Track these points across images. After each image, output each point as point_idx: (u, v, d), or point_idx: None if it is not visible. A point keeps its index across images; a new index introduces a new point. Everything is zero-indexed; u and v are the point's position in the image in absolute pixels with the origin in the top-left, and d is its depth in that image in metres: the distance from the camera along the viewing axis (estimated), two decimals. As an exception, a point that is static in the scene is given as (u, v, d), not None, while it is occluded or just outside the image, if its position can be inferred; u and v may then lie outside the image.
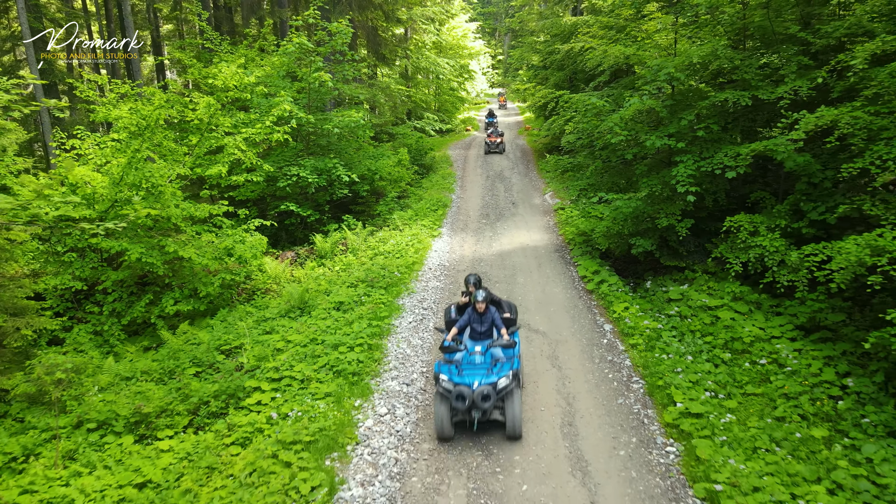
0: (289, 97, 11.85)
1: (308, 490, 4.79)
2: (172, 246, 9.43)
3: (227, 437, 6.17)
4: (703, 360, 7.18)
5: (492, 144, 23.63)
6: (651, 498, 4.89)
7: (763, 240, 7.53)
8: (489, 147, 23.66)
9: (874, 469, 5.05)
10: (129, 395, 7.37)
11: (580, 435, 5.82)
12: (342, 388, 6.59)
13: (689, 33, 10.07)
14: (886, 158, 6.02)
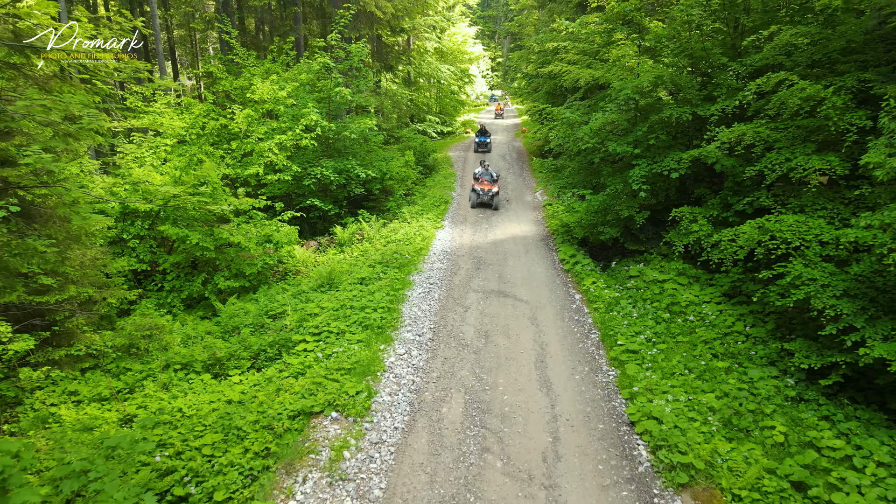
0: (315, 109, 13.93)
1: (354, 393, 6.87)
2: (224, 233, 11.51)
3: (284, 372, 8.23)
4: (648, 318, 9.25)
5: (482, 193, 16.69)
6: (593, 400, 6.97)
7: (697, 226, 9.60)
8: (478, 196, 16.76)
9: (753, 385, 7.12)
10: (201, 347, 9.47)
11: (548, 367, 7.89)
12: (370, 336, 8.66)
13: (650, 56, 12.13)
14: (775, 163, 8.09)
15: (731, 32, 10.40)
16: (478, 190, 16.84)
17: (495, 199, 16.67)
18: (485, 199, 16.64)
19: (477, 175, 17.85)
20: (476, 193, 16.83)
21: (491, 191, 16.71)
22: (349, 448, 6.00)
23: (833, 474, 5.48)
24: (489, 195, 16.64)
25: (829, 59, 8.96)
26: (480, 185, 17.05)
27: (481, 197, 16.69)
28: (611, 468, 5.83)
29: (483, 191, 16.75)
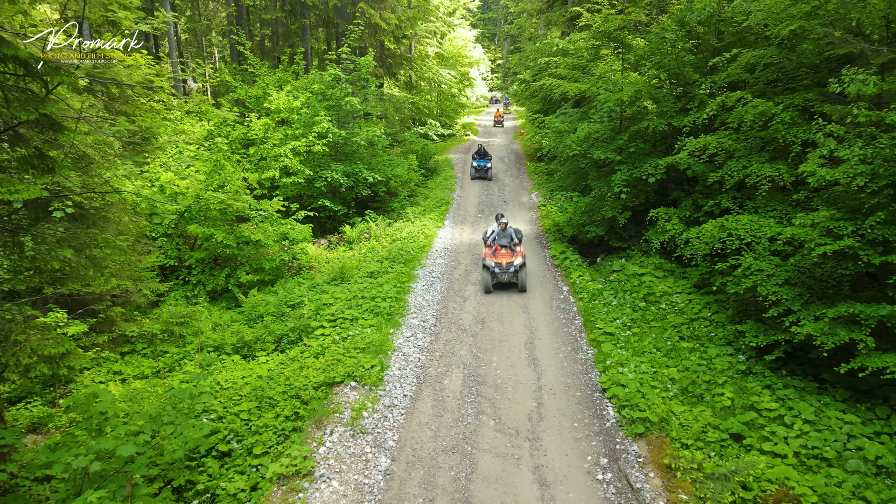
0: (327, 117, 15.13)
1: (369, 367, 8.07)
2: (246, 231, 12.71)
3: (306, 352, 9.42)
4: (626, 307, 10.43)
5: (499, 271, 11.36)
6: (573, 373, 8.17)
7: (671, 226, 10.77)
8: (494, 276, 11.42)
9: (711, 361, 8.29)
10: (230, 332, 10.67)
11: (536, 347, 9.08)
12: (380, 322, 9.86)
13: (634, 69, 13.31)
14: (734, 170, 9.27)
15: (702, 52, 11.58)
16: (492, 266, 11.20)
17: (521, 275, 11.27)
18: (504, 277, 11.23)
19: (489, 239, 11.98)
20: (490, 272, 11.23)
21: (512, 264, 11.22)
22: (367, 409, 7.20)
23: (766, 429, 6.67)
24: (509, 271, 11.20)
25: (787, 77, 10.14)
26: (496, 257, 11.43)
27: (499, 276, 11.25)
28: (584, 425, 7.03)
29: (500, 267, 11.20)
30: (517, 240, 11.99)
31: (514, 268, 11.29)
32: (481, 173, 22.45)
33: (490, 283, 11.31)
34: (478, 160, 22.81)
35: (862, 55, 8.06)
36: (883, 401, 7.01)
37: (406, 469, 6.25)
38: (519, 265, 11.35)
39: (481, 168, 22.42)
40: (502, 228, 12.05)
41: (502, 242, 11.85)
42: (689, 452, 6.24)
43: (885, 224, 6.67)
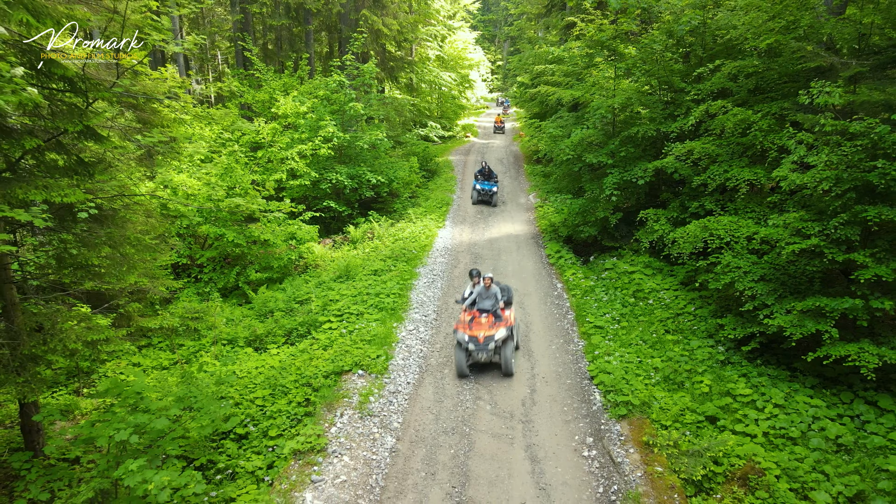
0: (331, 121, 15.75)
1: (375, 357, 8.69)
2: (256, 231, 13.33)
3: (315, 345, 10.04)
4: (616, 302, 11.06)
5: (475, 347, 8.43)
6: (564, 363, 8.80)
7: (659, 226, 11.39)
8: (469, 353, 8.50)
9: (693, 352, 8.91)
10: (242, 326, 11.29)
11: (531, 339, 9.70)
12: (385, 316, 10.48)
13: (626, 76, 13.93)
14: (716, 174, 9.89)
15: (690, 61, 12.21)
16: (465, 342, 8.37)
17: (505, 353, 8.38)
18: (481, 356, 8.42)
19: (466, 302, 9.14)
20: (464, 350, 8.40)
21: (492, 338, 8.33)
22: (373, 395, 7.83)
23: (739, 412, 7.29)
24: (488, 347, 8.31)
25: (768, 87, 10.76)
26: (472, 328, 8.51)
27: (474, 355, 8.43)
28: (573, 409, 7.65)
29: (476, 342, 8.34)
30: (503, 301, 8.93)
31: (495, 343, 8.18)
32: (485, 198, 19.00)
33: (464, 365, 8.26)
34: (481, 182, 19.06)
35: (832, 68, 8.68)
36: (848, 387, 7.62)
37: (410, 447, 6.87)
38: (502, 338, 8.28)
39: (485, 192, 18.90)
40: (485, 286, 9.07)
41: (484, 306, 8.84)
42: (667, 432, 6.86)
43: (848, 225, 7.28)
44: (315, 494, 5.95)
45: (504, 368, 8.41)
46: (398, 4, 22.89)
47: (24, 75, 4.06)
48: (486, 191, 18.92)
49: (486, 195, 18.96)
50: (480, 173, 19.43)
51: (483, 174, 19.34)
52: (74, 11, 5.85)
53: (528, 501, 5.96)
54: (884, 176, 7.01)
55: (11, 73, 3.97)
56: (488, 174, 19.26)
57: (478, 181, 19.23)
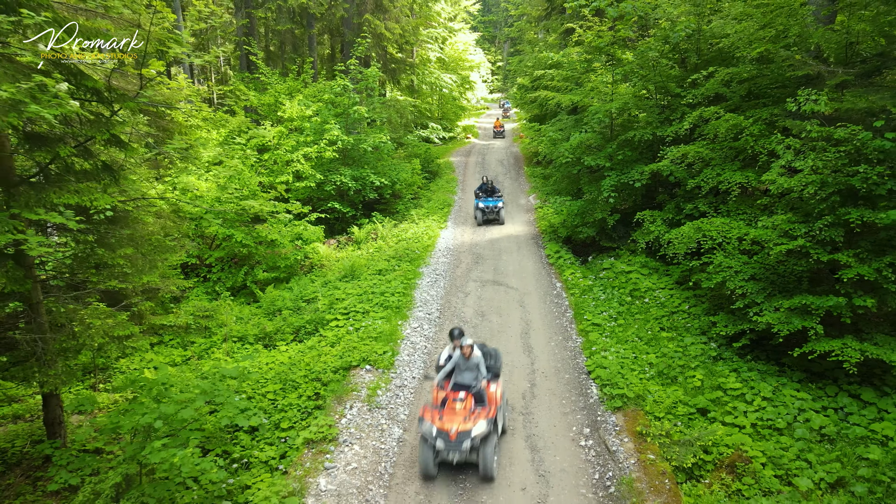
0: (336, 124, 16.14)
1: (381, 353, 9.07)
2: (263, 232, 13.71)
3: (322, 342, 10.41)
4: (614, 301, 11.43)
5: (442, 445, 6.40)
6: (563, 359, 9.18)
7: (655, 227, 11.76)
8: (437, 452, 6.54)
9: (686, 349, 9.28)
10: (251, 324, 11.67)
11: (531, 337, 10.08)
12: (390, 314, 10.86)
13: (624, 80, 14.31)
14: (709, 177, 10.27)
15: (686, 67, 12.59)
16: (431, 436, 6.45)
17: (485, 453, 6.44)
18: (451, 456, 6.47)
19: (439, 375, 7.27)
20: (431, 447, 6.51)
21: (468, 434, 6.37)
22: (381, 389, 8.21)
23: (729, 405, 7.66)
24: (461, 447, 6.38)
25: (759, 93, 11.13)
26: (442, 418, 6.53)
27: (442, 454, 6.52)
28: (571, 402, 8.03)
29: (446, 438, 6.39)
30: (487, 377, 7.15)
31: (471, 441, 6.31)
32: (491, 216, 17.13)
33: (430, 465, 6.44)
34: (484, 199, 17.18)
35: (820, 76, 9.05)
36: (833, 381, 8.00)
37: (416, 438, 7.25)
38: (481, 435, 6.35)
39: (491, 210, 16.99)
40: (465, 356, 7.14)
41: (463, 380, 7.11)
42: (660, 423, 7.23)
43: (832, 226, 7.66)
44: (328, 480, 6.33)
45: (482, 471, 6.34)
46: (400, 9, 23.28)
47: (67, 90, 4.41)
48: (490, 208, 16.91)
49: (492, 213, 16.93)
50: (482, 189, 17.43)
51: (485, 190, 17.43)
52: (97, 24, 6.24)
53: (528, 487, 6.34)
54: (866, 180, 7.39)
55: (57, 89, 4.34)
56: (491, 190, 17.37)
57: (480, 199, 17.12)
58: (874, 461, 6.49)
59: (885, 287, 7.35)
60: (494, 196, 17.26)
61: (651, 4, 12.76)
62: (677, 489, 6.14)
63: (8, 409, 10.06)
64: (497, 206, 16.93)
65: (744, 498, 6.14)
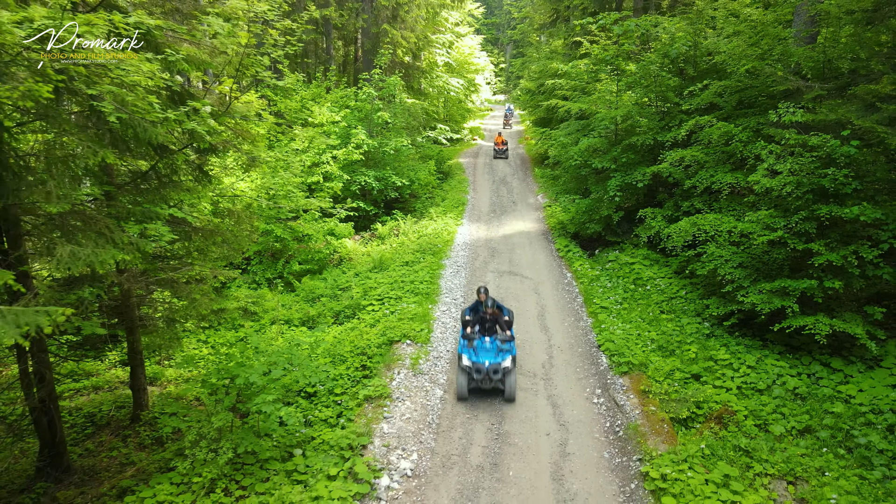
0: (363, 130, 17.53)
1: (419, 329, 10.45)
2: (300, 227, 15.10)
3: (361, 323, 11.79)
4: (619, 288, 12.81)
5: None
6: (575, 336, 10.57)
7: (656, 223, 13.13)
8: None
9: (683, 328, 10.66)
10: (295, 309, 13.05)
11: (546, 319, 11.46)
12: (421, 299, 12.24)
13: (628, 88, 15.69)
14: (703, 178, 11.65)
15: (683, 78, 13.98)
16: None
17: None
18: None
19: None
20: None
21: None
22: (422, 359, 9.60)
23: (718, 372, 9.04)
24: None
25: (749, 103, 12.51)
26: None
27: None
28: (584, 369, 9.41)
29: None
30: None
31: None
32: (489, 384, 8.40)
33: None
34: (479, 343, 8.74)
35: (798, 90, 10.43)
36: (808, 353, 9.36)
37: (454, 397, 8.64)
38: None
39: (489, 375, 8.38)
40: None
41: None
42: (660, 384, 8.62)
43: (806, 220, 9.03)
44: (388, 426, 7.73)
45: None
46: (415, 18, 24.65)
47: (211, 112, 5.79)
48: (489, 371, 8.34)
49: (491, 378, 8.38)
50: (476, 314, 9.34)
51: (482, 318, 9.16)
52: (176, 46, 7.61)
53: (551, 433, 7.72)
54: (834, 181, 8.75)
55: (203, 112, 5.70)
56: (491, 321, 9.06)
57: (470, 342, 8.73)
58: (838, 414, 7.86)
59: (850, 271, 8.72)
60: (498, 336, 8.75)
61: (652, 22, 14.14)
62: (674, 431, 7.52)
63: (87, 381, 11.47)
64: (500, 364, 8.40)
65: (728, 440, 7.52)
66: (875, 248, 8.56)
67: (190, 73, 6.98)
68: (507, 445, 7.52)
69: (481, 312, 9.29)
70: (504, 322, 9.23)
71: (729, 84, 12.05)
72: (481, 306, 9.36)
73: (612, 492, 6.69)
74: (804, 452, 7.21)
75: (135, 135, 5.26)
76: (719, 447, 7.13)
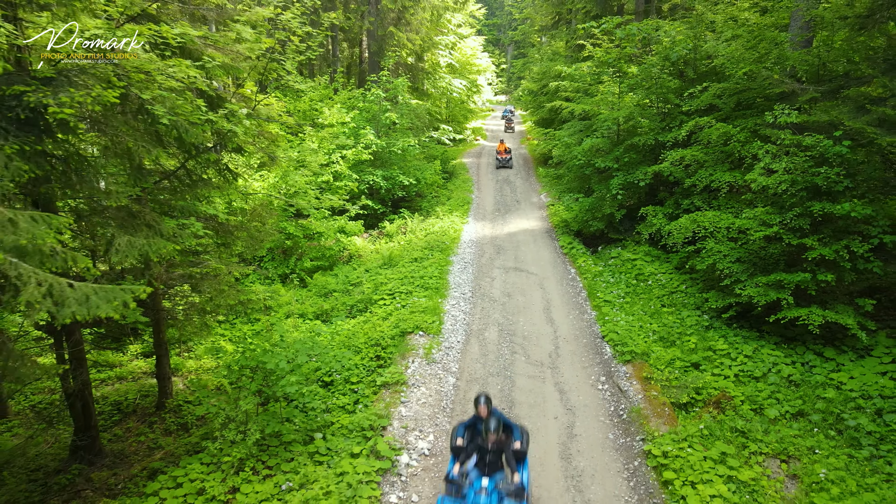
0: (371, 130, 18.00)
1: (430, 322, 10.92)
2: (311, 225, 15.57)
3: (374, 316, 12.25)
4: (621, 283, 13.27)
5: None
6: (580, 328, 11.03)
7: (657, 220, 13.59)
8: None
9: (683, 320, 11.11)
10: (308, 304, 13.52)
11: (552, 311, 11.93)
12: (431, 293, 12.70)
13: (630, 90, 16.16)
14: (703, 177, 12.11)
15: (684, 80, 14.45)
16: None
17: None
18: None
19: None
20: None
21: None
22: (434, 348, 10.06)
23: (717, 361, 9.50)
24: None
25: (747, 105, 12.97)
26: None
27: None
28: (589, 358, 9.88)
29: None
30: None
31: None
32: None
33: None
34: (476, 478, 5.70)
35: (794, 93, 10.89)
36: (802, 343, 9.82)
37: (466, 384, 9.11)
38: None
39: None
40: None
41: None
42: (661, 372, 9.08)
43: (800, 217, 9.49)
44: (406, 409, 8.20)
45: None
46: (420, 21, 25.12)
47: (246, 114, 6.26)
48: None
49: None
50: (468, 430, 6.33)
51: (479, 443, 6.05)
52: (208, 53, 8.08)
53: (559, 416, 8.19)
54: (827, 179, 9.22)
55: (240, 114, 6.17)
56: (495, 450, 5.93)
57: (457, 483, 5.67)
58: (829, 399, 8.32)
59: (841, 265, 9.17)
60: (501, 485, 5.59)
61: (653, 26, 14.61)
62: (674, 414, 7.99)
63: (111, 372, 11.95)
64: None
65: (726, 422, 7.98)
66: (865, 243, 9.02)
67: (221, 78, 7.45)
68: (518, 428, 7.99)
69: (480, 439, 5.96)
70: (514, 452, 5.90)
71: (727, 86, 12.51)
72: (481, 425, 6.02)
73: (617, 469, 7.16)
74: (797, 434, 7.68)
75: (178, 135, 5.72)
76: (717, 428, 7.59)
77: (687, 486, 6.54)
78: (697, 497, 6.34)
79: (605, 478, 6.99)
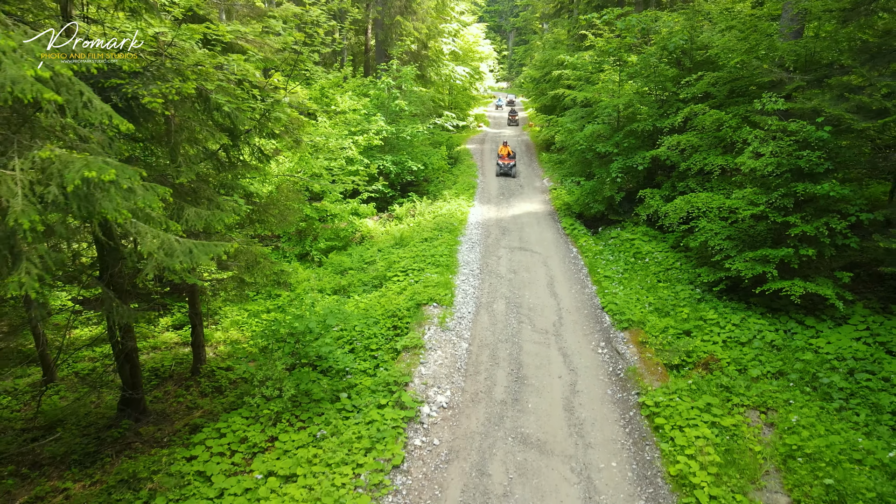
0: (381, 116, 18.77)
1: (443, 294, 11.80)
2: (328, 207, 16.40)
3: (390, 291, 13.13)
4: (620, 261, 14.14)
5: None
6: (581, 300, 11.92)
7: (654, 202, 14.42)
8: None
9: (677, 293, 11.99)
10: (326, 280, 14.39)
11: (555, 286, 12.80)
12: (442, 270, 13.57)
13: (630, 78, 16.91)
14: (697, 160, 12.93)
15: (681, 69, 15.21)
16: None
17: None
18: None
19: None
20: None
21: None
22: (447, 318, 10.96)
23: (707, 329, 10.39)
24: None
25: (739, 93, 13.74)
26: None
27: None
28: (590, 327, 10.78)
29: None
30: None
31: None
32: None
33: None
34: None
35: (781, 81, 11.68)
36: (786, 313, 10.71)
37: (478, 349, 10.01)
38: None
39: None
40: None
41: None
42: (656, 338, 9.98)
43: (785, 197, 10.33)
44: (425, 369, 9.11)
45: None
46: (426, 10, 25.75)
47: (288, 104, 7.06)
48: None
49: None
50: None
51: None
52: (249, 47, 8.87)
53: (562, 375, 9.10)
54: (809, 161, 10.04)
55: (283, 102, 6.98)
56: None
57: None
58: (807, 360, 9.21)
59: (822, 241, 10.03)
60: None
61: (652, 17, 15.34)
62: (667, 373, 8.90)
63: (145, 342, 12.84)
64: None
65: (713, 380, 8.87)
66: (843, 221, 9.86)
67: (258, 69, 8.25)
68: (525, 386, 8.90)
69: None
70: None
71: (721, 75, 13.28)
72: None
73: (615, 418, 8.07)
74: (776, 390, 8.58)
75: (231, 122, 6.54)
76: (704, 384, 8.50)
77: (675, 429, 7.46)
78: (684, 438, 7.26)
79: (604, 425, 7.91)
